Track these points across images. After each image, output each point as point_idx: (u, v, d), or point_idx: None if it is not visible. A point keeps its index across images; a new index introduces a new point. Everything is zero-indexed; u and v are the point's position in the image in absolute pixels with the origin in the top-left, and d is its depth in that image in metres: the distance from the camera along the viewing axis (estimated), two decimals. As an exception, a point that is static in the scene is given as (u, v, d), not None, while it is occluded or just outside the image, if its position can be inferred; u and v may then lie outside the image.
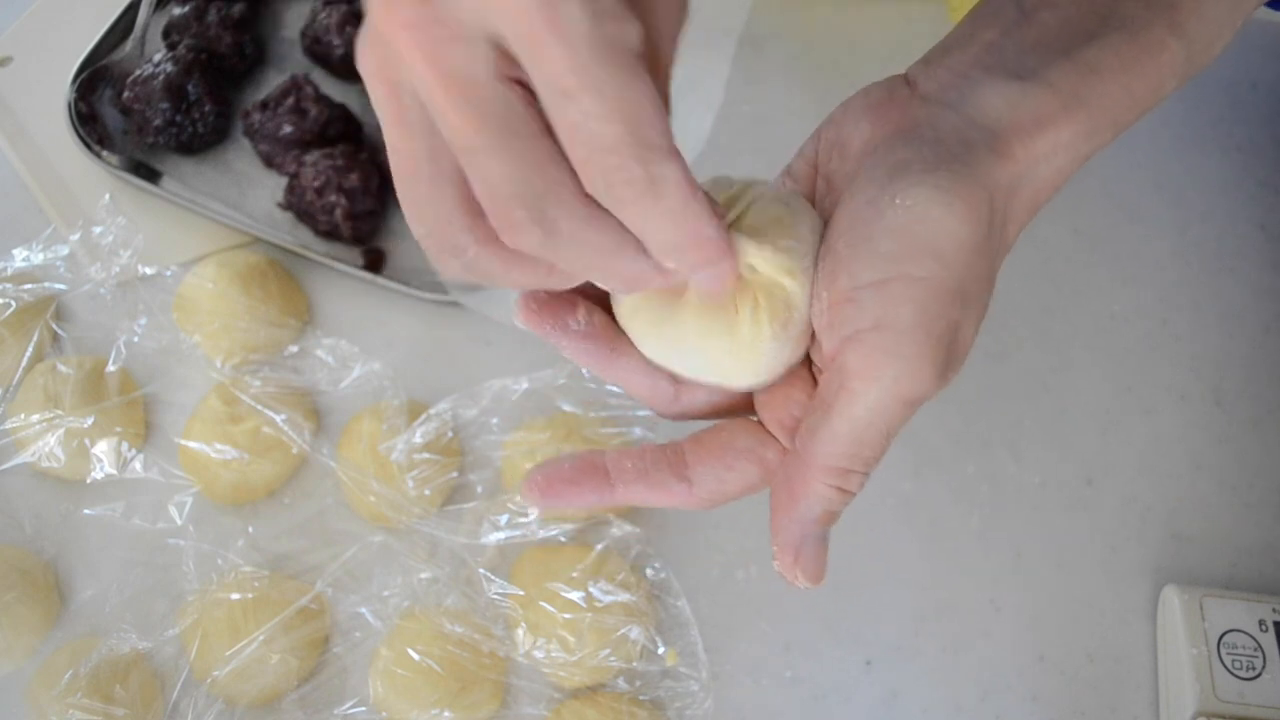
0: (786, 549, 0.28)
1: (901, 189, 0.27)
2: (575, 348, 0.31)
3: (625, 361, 0.31)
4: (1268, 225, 0.61)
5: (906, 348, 0.26)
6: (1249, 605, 0.48)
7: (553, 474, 0.31)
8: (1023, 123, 0.28)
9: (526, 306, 0.31)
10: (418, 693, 0.45)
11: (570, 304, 0.31)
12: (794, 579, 0.28)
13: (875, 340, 0.26)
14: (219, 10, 0.61)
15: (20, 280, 0.55)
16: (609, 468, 0.30)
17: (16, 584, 0.47)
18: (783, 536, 0.28)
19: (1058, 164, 0.28)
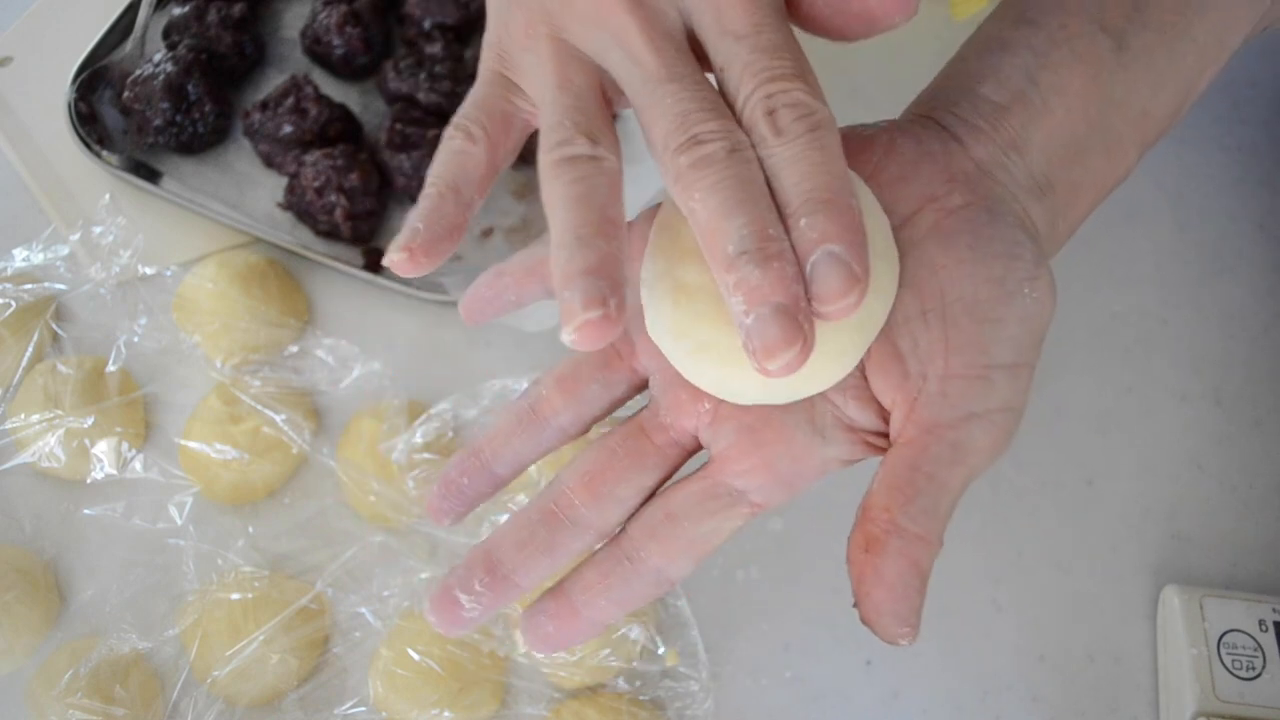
0: (900, 617, 0.28)
1: (1029, 279, 0.29)
2: None
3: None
4: (1267, 225, 0.61)
5: (1015, 429, 0.28)
6: (1249, 605, 0.48)
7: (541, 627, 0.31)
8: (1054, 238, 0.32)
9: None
10: (418, 693, 0.45)
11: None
12: (909, 639, 0.28)
13: (1002, 422, 0.28)
14: (219, 10, 0.61)
15: (20, 280, 0.55)
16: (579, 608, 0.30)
17: (16, 584, 0.47)
18: (893, 607, 0.28)
19: None
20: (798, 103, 0.25)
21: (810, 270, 0.24)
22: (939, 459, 0.27)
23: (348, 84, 0.63)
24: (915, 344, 0.28)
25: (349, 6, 0.61)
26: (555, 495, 0.31)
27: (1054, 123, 0.31)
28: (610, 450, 0.31)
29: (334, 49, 0.61)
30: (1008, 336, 0.28)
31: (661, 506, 0.30)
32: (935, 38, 0.65)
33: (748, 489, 0.29)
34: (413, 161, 0.57)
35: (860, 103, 0.64)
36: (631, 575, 0.30)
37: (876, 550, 0.27)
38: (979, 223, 0.29)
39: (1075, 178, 0.32)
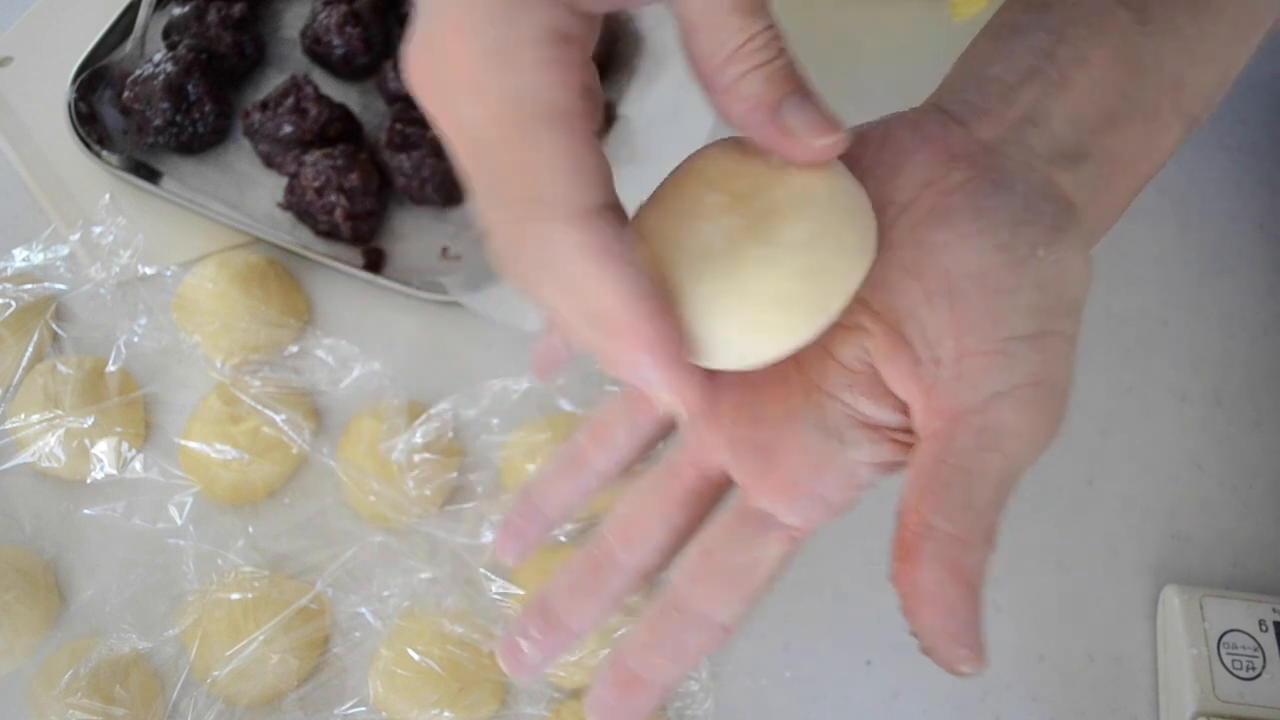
0: (952, 635, 0.25)
1: (1043, 242, 0.26)
2: None
3: None
4: (1267, 225, 0.61)
5: (1059, 407, 0.26)
6: (1249, 605, 0.48)
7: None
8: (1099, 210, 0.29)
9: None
10: (418, 693, 0.45)
11: None
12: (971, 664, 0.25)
13: (1036, 398, 0.26)
14: (219, 10, 0.61)
15: (20, 280, 0.55)
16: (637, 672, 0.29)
17: (16, 584, 0.47)
18: (941, 624, 0.25)
19: None
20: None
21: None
22: (966, 448, 0.25)
23: (348, 84, 0.63)
24: (923, 329, 0.26)
25: (349, 6, 0.61)
26: (598, 542, 0.32)
27: (1077, 93, 0.29)
28: (640, 493, 0.32)
29: (334, 49, 0.61)
30: (1024, 305, 0.26)
31: (698, 545, 0.30)
32: (935, 38, 0.66)
33: (775, 510, 0.28)
34: (413, 161, 0.57)
35: (861, 103, 0.64)
36: (680, 626, 0.29)
37: (911, 558, 0.25)
38: (980, 195, 0.27)
39: (1112, 147, 0.29)
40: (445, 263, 0.58)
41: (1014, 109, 0.29)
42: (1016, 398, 0.25)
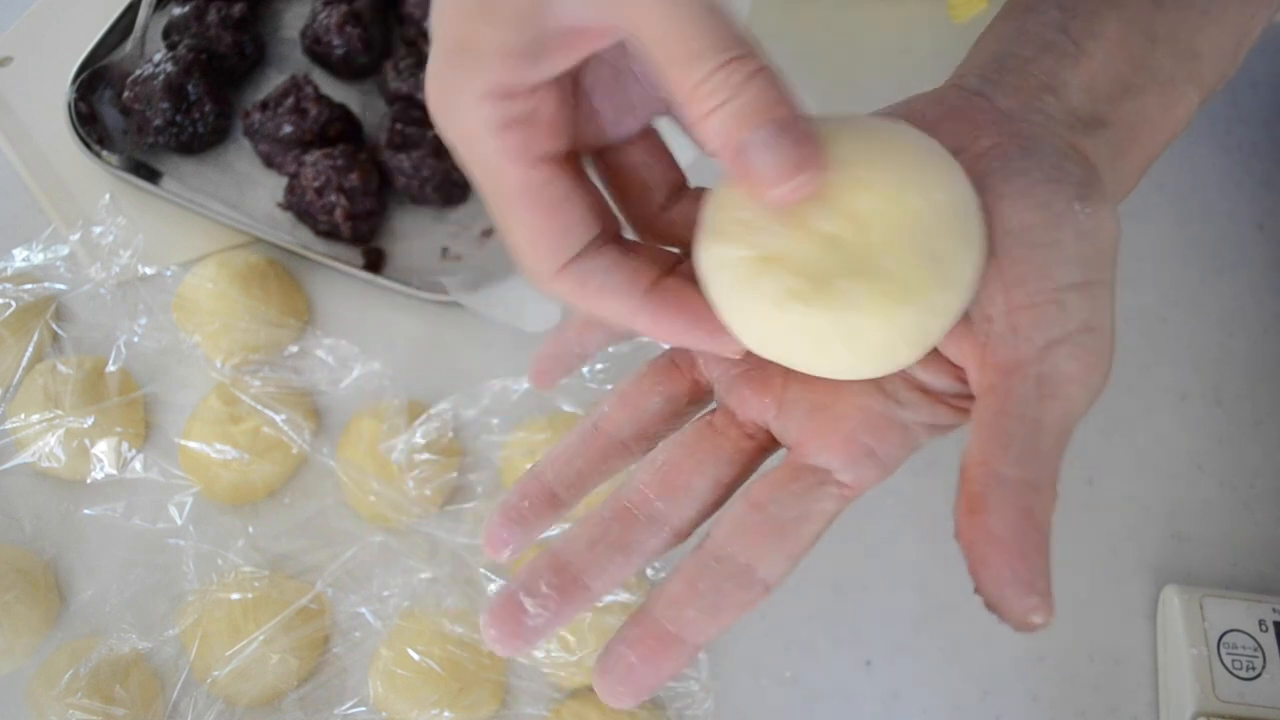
0: (1025, 582, 0.25)
1: (1078, 198, 0.27)
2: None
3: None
4: (1267, 225, 0.61)
5: (1109, 352, 0.26)
6: (1249, 605, 0.48)
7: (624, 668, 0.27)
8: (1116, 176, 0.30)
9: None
10: (418, 693, 0.45)
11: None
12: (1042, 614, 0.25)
13: (1089, 343, 0.26)
14: (219, 10, 0.61)
15: (20, 280, 0.55)
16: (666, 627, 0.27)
17: (16, 584, 0.47)
18: (1014, 568, 0.25)
19: None
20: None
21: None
22: (1026, 398, 0.25)
23: (348, 84, 0.63)
24: (991, 292, 0.26)
25: (349, 6, 0.61)
26: (629, 492, 0.29)
27: (1092, 64, 0.29)
28: (683, 446, 0.29)
29: (334, 49, 0.61)
30: (1069, 256, 0.26)
31: (745, 498, 0.28)
32: (935, 39, 0.66)
33: (831, 466, 0.27)
34: (413, 161, 0.57)
35: (862, 104, 0.64)
36: (722, 579, 0.27)
37: (980, 509, 0.25)
38: (1011, 157, 0.27)
39: (1129, 115, 0.30)
40: (445, 263, 0.58)
41: (1031, 79, 0.29)
42: (1071, 344, 0.26)
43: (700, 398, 0.31)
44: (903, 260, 0.25)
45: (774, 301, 0.26)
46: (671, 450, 0.29)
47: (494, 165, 0.26)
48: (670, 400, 0.31)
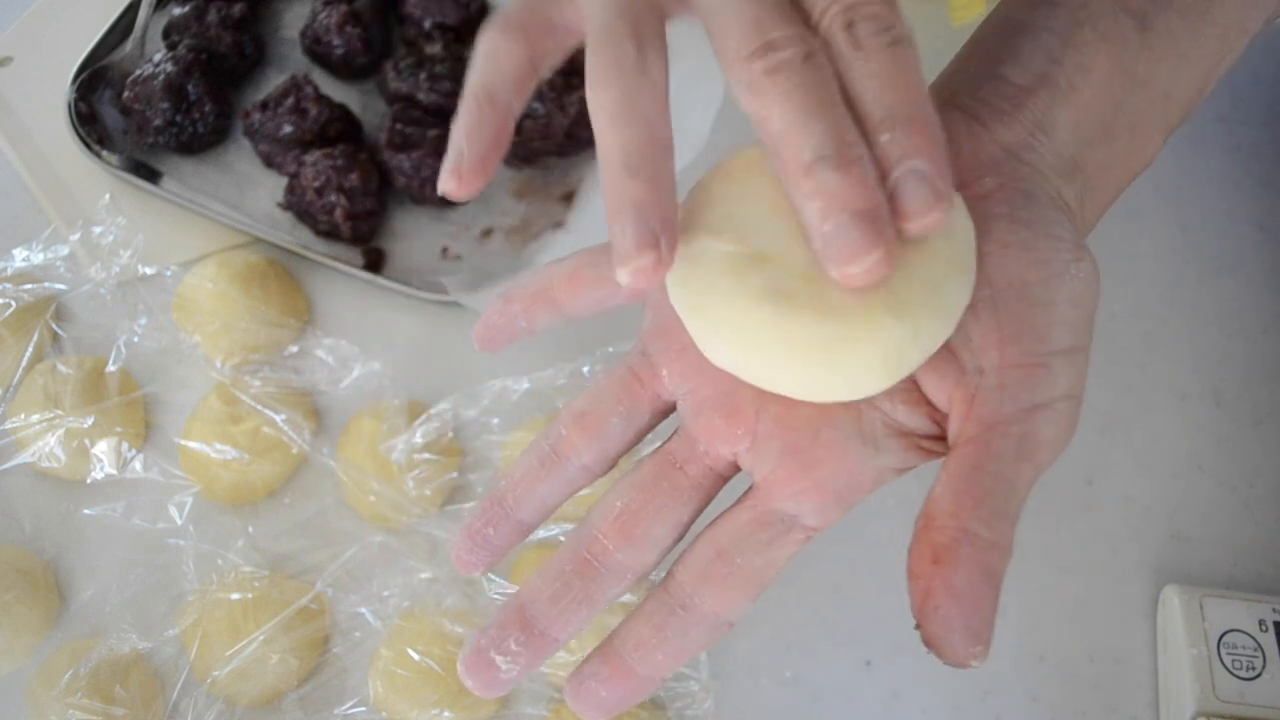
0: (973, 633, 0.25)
1: (1071, 259, 0.27)
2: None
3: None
4: (1267, 225, 0.61)
5: (1078, 419, 0.27)
6: (1249, 605, 0.48)
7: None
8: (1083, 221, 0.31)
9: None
10: (418, 693, 0.45)
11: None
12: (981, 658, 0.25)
13: (1067, 411, 0.26)
14: (219, 10, 0.61)
15: (20, 280, 0.55)
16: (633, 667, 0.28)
17: (16, 584, 0.47)
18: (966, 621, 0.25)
19: None
20: (877, 15, 0.24)
21: (893, 186, 0.23)
22: (1004, 457, 0.26)
23: (348, 84, 0.63)
24: (967, 337, 0.27)
25: (349, 6, 0.61)
26: (587, 541, 0.29)
27: (1081, 103, 0.30)
28: (641, 488, 0.29)
29: (334, 49, 0.61)
30: (1061, 319, 0.27)
31: (709, 544, 0.28)
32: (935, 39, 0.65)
33: (800, 513, 0.28)
34: (413, 161, 0.57)
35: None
36: (687, 625, 0.28)
37: (948, 560, 0.25)
38: (1015, 205, 0.28)
39: (1103, 159, 0.31)
40: (445, 263, 0.58)
41: (1027, 115, 0.30)
42: (1052, 410, 0.26)
43: (664, 412, 0.31)
44: (902, 276, 0.25)
45: (760, 298, 0.25)
46: (630, 495, 0.29)
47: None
48: (630, 419, 0.30)
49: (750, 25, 0.24)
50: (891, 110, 0.24)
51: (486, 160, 0.27)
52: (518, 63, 0.27)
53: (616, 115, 0.25)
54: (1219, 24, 0.32)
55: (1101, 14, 0.31)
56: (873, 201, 0.23)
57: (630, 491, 0.29)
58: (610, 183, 0.24)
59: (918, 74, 0.24)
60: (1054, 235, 0.28)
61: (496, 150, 0.27)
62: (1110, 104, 0.30)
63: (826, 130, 0.23)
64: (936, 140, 0.24)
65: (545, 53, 0.28)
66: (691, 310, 0.27)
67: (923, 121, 0.24)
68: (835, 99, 0.24)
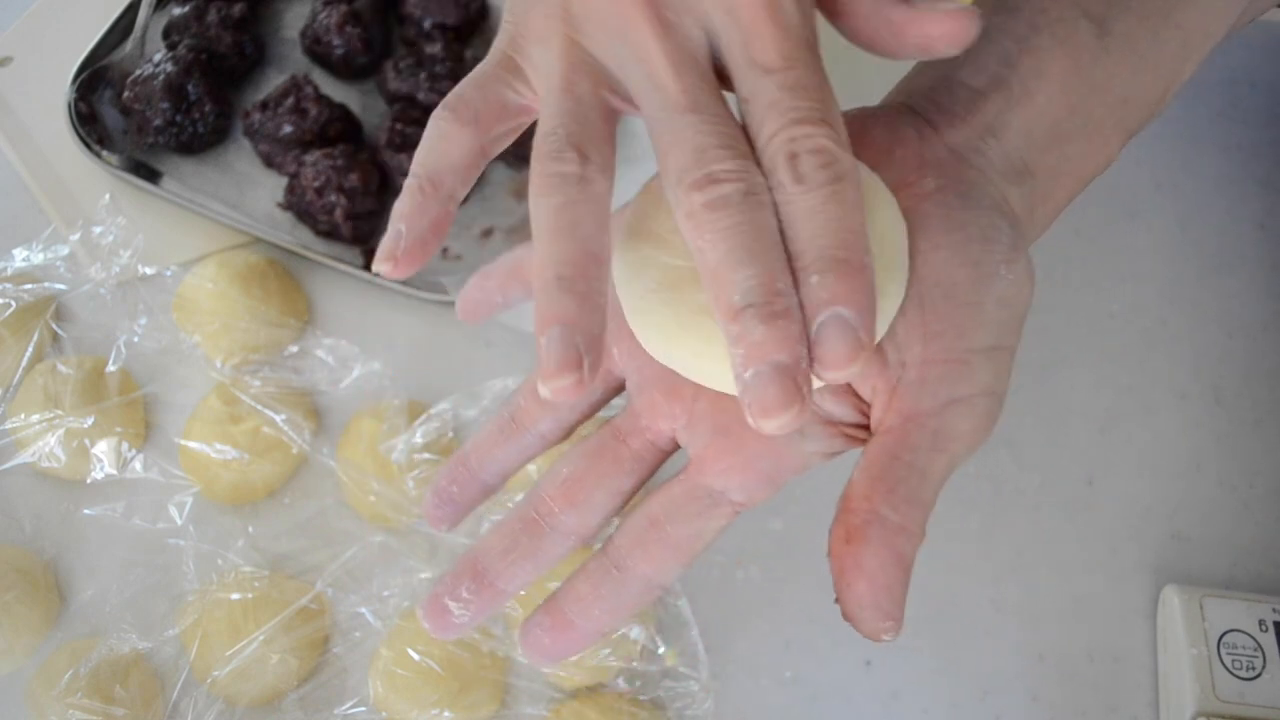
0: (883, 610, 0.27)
1: (1005, 260, 0.28)
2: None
3: None
4: (1267, 224, 0.61)
5: (997, 414, 0.28)
6: (1249, 605, 0.48)
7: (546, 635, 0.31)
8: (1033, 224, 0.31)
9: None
10: (418, 693, 0.45)
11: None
12: (893, 633, 0.27)
13: (984, 407, 0.28)
14: (219, 10, 0.61)
15: (20, 280, 0.55)
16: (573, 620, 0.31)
17: (16, 584, 0.47)
18: (875, 599, 0.27)
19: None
20: (822, 149, 0.24)
21: (816, 331, 0.24)
22: (920, 447, 0.27)
23: (348, 84, 0.63)
24: (893, 332, 0.28)
25: (349, 6, 0.61)
26: (535, 503, 0.31)
27: (1034, 108, 0.31)
28: (587, 456, 0.31)
29: (334, 49, 0.61)
30: (986, 320, 0.28)
31: (645, 513, 0.30)
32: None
33: (728, 489, 0.29)
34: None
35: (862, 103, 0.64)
36: (621, 584, 0.30)
37: (858, 541, 0.27)
38: (952, 206, 0.29)
39: (1055, 163, 0.31)
40: (445, 263, 0.58)
41: (978, 118, 0.31)
42: (969, 405, 0.27)
43: (616, 388, 0.33)
44: None
45: (695, 311, 0.27)
46: (576, 462, 0.31)
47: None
48: (584, 394, 0.31)
49: (694, 153, 0.25)
50: (824, 252, 0.24)
51: (425, 244, 0.28)
52: (465, 150, 0.29)
53: (553, 227, 0.25)
54: (1181, 29, 0.32)
55: (1060, 19, 0.31)
56: (794, 356, 0.23)
57: (577, 459, 0.31)
58: (540, 295, 0.25)
59: (856, 213, 0.24)
60: (988, 237, 0.28)
61: (436, 236, 0.28)
62: (1065, 108, 0.31)
63: (757, 276, 0.24)
64: (864, 286, 0.24)
65: (496, 137, 0.29)
66: (633, 312, 0.28)
67: (854, 266, 0.24)
68: (771, 240, 0.24)
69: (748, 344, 0.23)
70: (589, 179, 0.26)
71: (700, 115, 0.25)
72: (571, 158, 0.26)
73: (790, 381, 0.23)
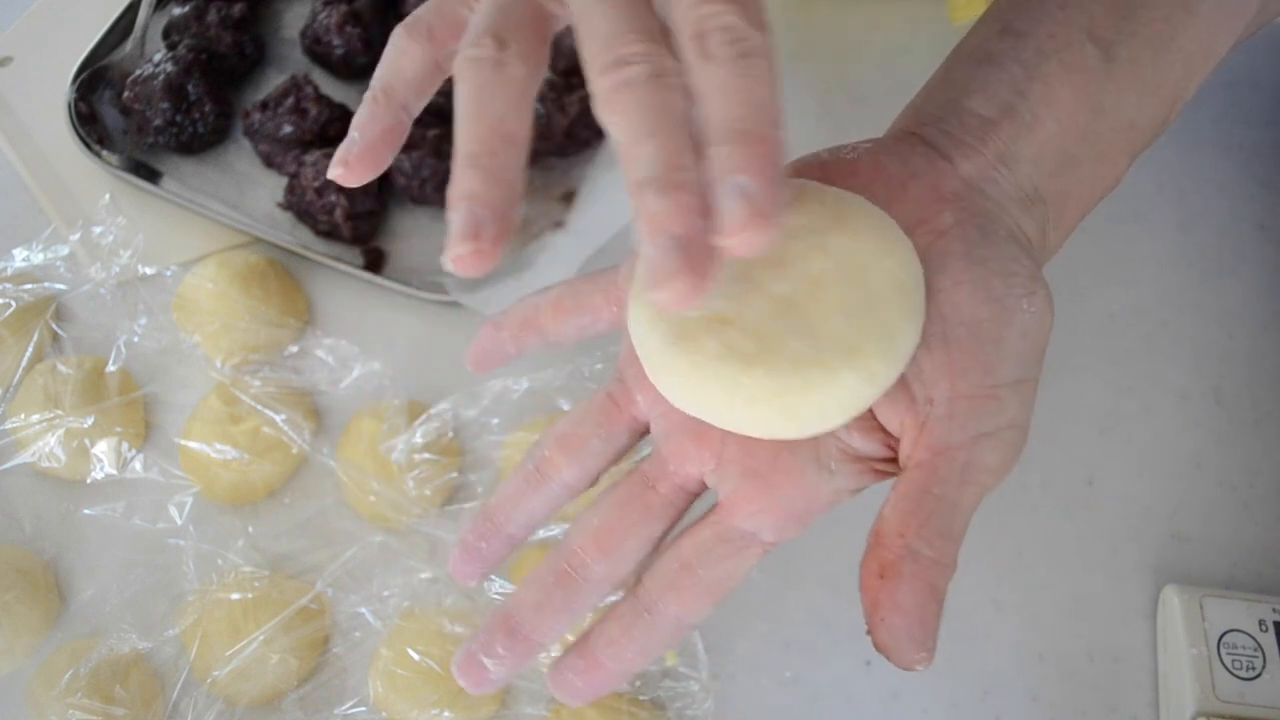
0: (917, 642, 0.28)
1: (1026, 294, 0.29)
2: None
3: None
4: (1268, 225, 0.61)
5: (1023, 445, 0.28)
6: (1249, 605, 0.48)
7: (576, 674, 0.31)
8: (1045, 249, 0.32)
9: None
10: (418, 693, 0.45)
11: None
12: (925, 663, 0.28)
13: (1012, 439, 0.28)
14: (219, 10, 0.61)
15: (20, 280, 0.55)
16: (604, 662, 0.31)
17: (16, 584, 0.47)
18: (910, 631, 0.28)
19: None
20: (729, 26, 0.24)
21: (716, 201, 0.23)
22: (950, 480, 0.28)
23: (348, 84, 0.63)
24: (919, 369, 0.28)
25: (349, 6, 0.61)
26: (567, 555, 0.31)
27: (1044, 135, 0.31)
28: (617, 505, 0.31)
29: (334, 49, 0.61)
30: (1011, 354, 0.28)
31: (675, 557, 0.30)
32: (934, 39, 0.66)
33: (759, 530, 0.30)
34: (413, 161, 0.57)
35: (861, 103, 0.64)
36: (652, 627, 0.30)
37: (892, 576, 0.27)
38: (971, 241, 0.29)
39: (1064, 188, 0.32)
40: (445, 263, 0.58)
41: (990, 147, 0.31)
42: (998, 438, 0.28)
43: (641, 433, 0.33)
44: (854, 323, 0.27)
45: (715, 359, 0.27)
46: (606, 512, 0.31)
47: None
48: (609, 440, 0.32)
49: (605, 39, 0.24)
50: (727, 124, 0.23)
51: (376, 151, 0.29)
52: (417, 63, 0.29)
53: (466, 111, 0.26)
54: (1184, 50, 0.33)
55: (1068, 44, 0.31)
56: (690, 227, 0.23)
57: (607, 509, 0.31)
58: (453, 174, 0.26)
59: (763, 87, 0.24)
60: (1009, 271, 0.29)
61: (387, 143, 0.29)
62: (1074, 135, 0.31)
63: (658, 150, 0.23)
64: (768, 156, 0.23)
65: (451, 53, 0.29)
66: (654, 367, 0.29)
67: (757, 136, 0.23)
68: (676, 118, 0.24)
69: (647, 217, 0.23)
70: (504, 63, 0.26)
71: (613, 3, 0.25)
72: (487, 43, 0.26)
73: (684, 252, 0.22)
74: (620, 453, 0.33)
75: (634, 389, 0.32)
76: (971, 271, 0.29)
